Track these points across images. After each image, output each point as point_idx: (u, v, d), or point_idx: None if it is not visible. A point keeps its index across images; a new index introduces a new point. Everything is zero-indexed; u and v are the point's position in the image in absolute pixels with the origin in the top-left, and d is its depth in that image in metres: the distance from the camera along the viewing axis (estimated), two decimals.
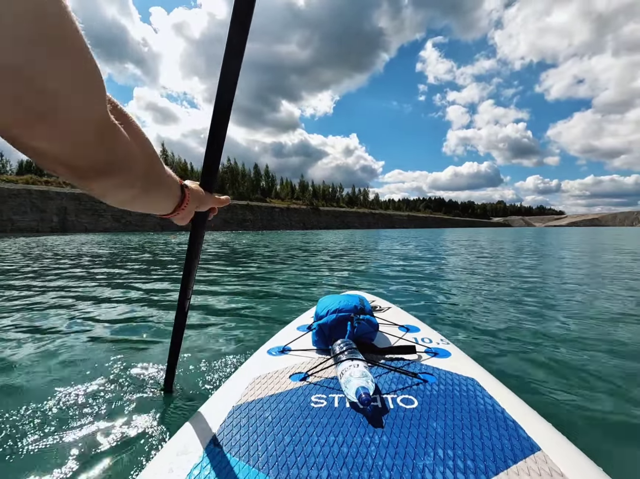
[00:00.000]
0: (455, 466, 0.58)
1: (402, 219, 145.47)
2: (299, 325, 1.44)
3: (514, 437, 0.65)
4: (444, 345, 1.16)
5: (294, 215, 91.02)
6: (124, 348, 2.25)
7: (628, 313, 3.04)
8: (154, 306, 3.40)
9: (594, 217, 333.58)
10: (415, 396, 0.80)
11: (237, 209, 76.02)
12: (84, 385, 1.69)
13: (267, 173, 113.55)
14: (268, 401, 0.80)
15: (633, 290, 4.12)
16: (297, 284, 4.78)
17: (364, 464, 0.59)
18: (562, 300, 3.76)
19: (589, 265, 7.07)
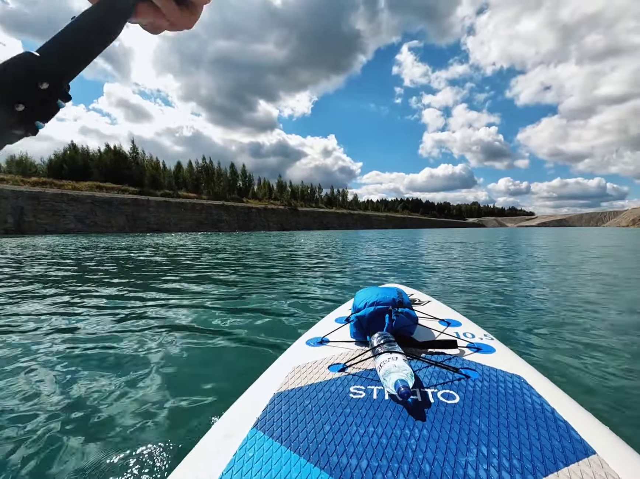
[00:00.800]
0: (500, 465, 0.56)
1: (381, 220, 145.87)
2: (337, 317, 1.46)
3: (565, 438, 0.62)
4: (488, 341, 1.13)
5: (272, 216, 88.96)
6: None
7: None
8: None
9: (562, 218, 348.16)
10: (456, 392, 0.78)
11: (211, 209, 73.23)
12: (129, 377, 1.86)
13: (244, 173, 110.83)
14: (308, 390, 0.81)
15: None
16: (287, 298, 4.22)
17: (404, 457, 0.58)
18: (612, 296, 3.63)
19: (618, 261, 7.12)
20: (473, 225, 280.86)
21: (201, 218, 69.34)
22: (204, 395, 1.66)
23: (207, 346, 2.35)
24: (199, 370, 1.97)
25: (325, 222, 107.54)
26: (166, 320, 3.04)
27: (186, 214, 66.88)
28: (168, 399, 1.63)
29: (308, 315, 3.15)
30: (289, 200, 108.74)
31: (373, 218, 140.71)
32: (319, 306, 3.51)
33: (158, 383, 1.81)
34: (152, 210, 61.17)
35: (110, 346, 2.37)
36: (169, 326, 2.84)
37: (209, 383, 1.78)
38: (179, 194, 77.71)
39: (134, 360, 2.12)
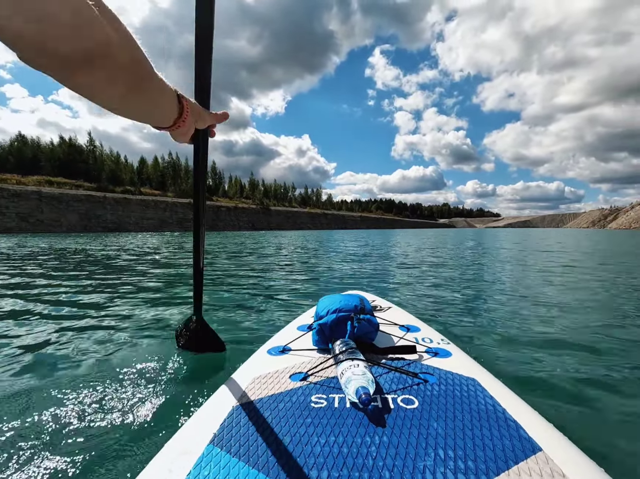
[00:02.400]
0: (456, 467, 0.57)
1: (355, 220, 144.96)
2: (299, 325, 1.45)
3: (515, 437, 0.64)
4: (445, 345, 1.15)
5: (242, 215, 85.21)
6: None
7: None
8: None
9: (526, 219, 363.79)
10: (415, 396, 0.79)
11: (176, 207, 68.67)
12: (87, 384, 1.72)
13: (214, 171, 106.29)
14: (268, 401, 0.80)
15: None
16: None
17: (364, 465, 0.58)
18: (564, 298, 3.79)
19: (579, 262, 7.41)
20: (444, 225, 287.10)
21: (165, 217, 64.78)
22: (157, 410, 1.52)
23: (160, 355, 2.16)
24: (152, 382, 1.79)
25: (298, 221, 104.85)
26: (113, 328, 2.81)
27: (148, 212, 62.16)
28: (116, 415, 1.48)
29: (269, 323, 3.02)
30: (261, 199, 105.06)
31: (347, 218, 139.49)
32: (281, 313, 3.31)
33: (105, 394, 1.65)
34: (110, 208, 56.17)
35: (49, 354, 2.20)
36: (118, 334, 2.63)
37: (163, 397, 1.63)
38: (141, 191, 72.56)
39: (76, 369, 1.96)
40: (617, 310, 3.27)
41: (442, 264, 7.50)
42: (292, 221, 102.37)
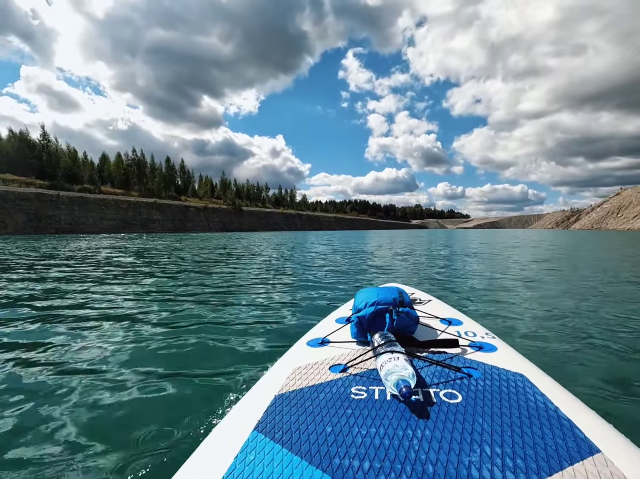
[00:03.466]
0: (504, 465, 0.55)
1: (330, 221, 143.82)
2: (338, 317, 1.45)
3: (569, 437, 0.61)
4: (490, 339, 1.12)
5: (213, 216, 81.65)
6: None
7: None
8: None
9: (495, 220, 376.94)
10: (459, 391, 0.77)
11: (140, 207, 64.50)
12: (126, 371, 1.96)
13: (182, 169, 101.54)
14: (309, 392, 0.81)
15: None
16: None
17: (407, 457, 0.57)
18: (616, 292, 3.82)
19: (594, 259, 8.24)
20: (417, 226, 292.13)
21: (127, 218, 60.54)
22: (205, 397, 1.65)
23: (207, 346, 2.35)
24: (201, 372, 1.94)
25: (271, 222, 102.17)
26: (173, 319, 3.09)
27: (108, 213, 57.80)
28: (168, 402, 1.63)
29: (308, 315, 3.08)
30: (233, 199, 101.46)
31: (322, 219, 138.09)
32: (320, 306, 3.51)
33: (159, 386, 1.79)
34: (64, 208, 51.57)
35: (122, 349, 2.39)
36: (173, 327, 2.86)
37: (211, 386, 1.76)
38: (101, 190, 67.71)
39: (133, 363, 2.11)
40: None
41: (483, 264, 7.20)
42: (265, 222, 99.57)
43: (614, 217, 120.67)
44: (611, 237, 30.87)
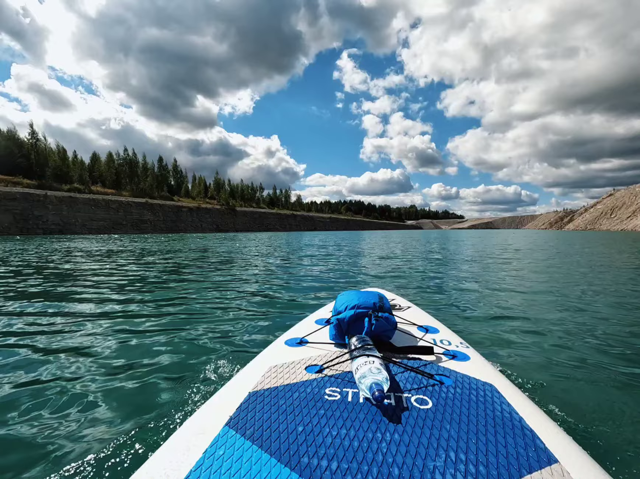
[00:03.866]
0: (467, 471, 0.56)
1: (325, 221, 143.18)
2: (318, 318, 1.48)
3: (530, 447, 0.63)
4: (464, 348, 1.14)
5: (206, 216, 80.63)
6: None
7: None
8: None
9: (489, 221, 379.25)
10: (430, 397, 0.79)
11: (131, 207, 63.37)
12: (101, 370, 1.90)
13: (175, 169, 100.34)
14: (283, 390, 0.82)
15: None
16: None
17: (374, 460, 0.58)
18: (590, 304, 3.71)
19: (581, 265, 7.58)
20: (412, 227, 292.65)
21: (118, 218, 59.40)
22: (177, 391, 1.62)
23: (181, 341, 2.32)
24: (173, 365, 1.92)
25: (266, 223, 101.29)
26: (143, 320, 2.97)
27: (98, 213, 56.62)
28: (139, 394, 1.62)
29: (289, 315, 3.08)
30: (227, 199, 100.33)
31: (317, 220, 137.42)
32: (301, 307, 3.46)
33: (131, 379, 1.78)
34: (52, 208, 50.34)
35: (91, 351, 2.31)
36: (144, 325, 2.79)
37: (184, 380, 1.73)
38: (91, 189, 66.44)
39: (105, 359, 2.10)
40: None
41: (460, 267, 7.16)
42: (259, 222, 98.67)
43: (607, 218, 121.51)
44: (606, 237, 30.65)
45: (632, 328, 2.93)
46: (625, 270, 7.04)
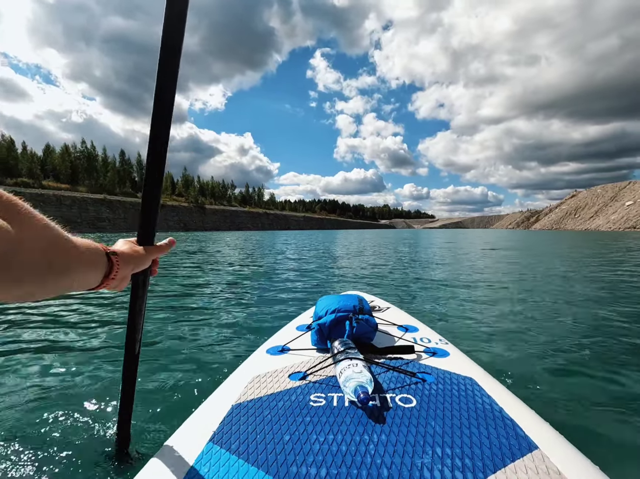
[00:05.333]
0: (454, 465, 0.58)
1: (299, 220, 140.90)
2: (298, 325, 1.45)
3: (511, 436, 0.65)
4: (443, 345, 1.16)
5: (172, 214, 76.16)
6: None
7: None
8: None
9: (458, 220, 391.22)
10: (413, 395, 0.80)
11: (87, 204, 58.20)
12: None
13: (140, 164, 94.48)
14: (267, 400, 0.81)
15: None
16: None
17: (363, 462, 0.59)
18: (558, 297, 3.95)
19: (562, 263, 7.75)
20: (385, 226, 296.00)
21: (72, 216, 54.25)
22: (158, 409, 1.54)
23: (161, 356, 2.23)
24: (153, 383, 1.83)
25: (237, 222, 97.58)
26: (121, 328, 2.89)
27: (47, 210, 50.76)
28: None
29: (269, 323, 3.07)
30: (196, 197, 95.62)
31: (290, 219, 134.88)
32: (281, 314, 3.41)
33: (108, 394, 1.68)
34: None
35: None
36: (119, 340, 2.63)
37: (164, 397, 1.66)
38: (42, 184, 60.61)
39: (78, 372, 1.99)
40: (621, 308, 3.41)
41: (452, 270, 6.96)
42: (230, 221, 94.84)
43: (571, 218, 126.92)
44: (572, 237, 30.76)
45: (601, 313, 3.21)
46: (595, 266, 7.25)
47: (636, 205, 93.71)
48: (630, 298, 3.99)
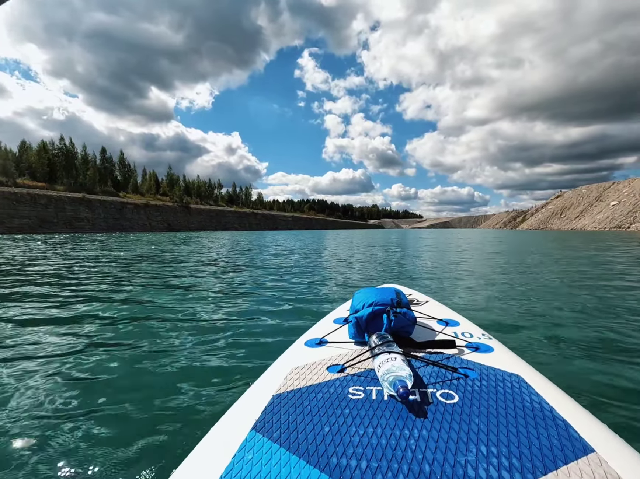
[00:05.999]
0: (500, 464, 0.55)
1: (287, 220, 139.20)
2: (336, 318, 1.45)
3: (564, 437, 0.62)
4: (486, 340, 1.12)
5: (155, 214, 73.68)
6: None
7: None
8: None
9: (446, 220, 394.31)
10: (455, 391, 0.78)
11: (64, 203, 55.59)
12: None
13: (122, 162, 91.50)
14: (307, 392, 0.81)
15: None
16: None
17: (404, 457, 0.58)
18: (617, 296, 3.75)
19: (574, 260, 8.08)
20: (374, 226, 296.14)
21: (47, 215, 51.67)
22: (202, 397, 1.63)
23: (206, 347, 2.31)
24: (199, 372, 1.94)
25: (223, 222, 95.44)
26: (173, 317, 3.03)
27: (21, 209, 48.73)
28: (165, 403, 1.60)
29: (307, 316, 3.07)
30: (181, 196, 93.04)
31: (278, 219, 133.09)
32: (318, 307, 3.48)
33: (158, 386, 1.79)
34: None
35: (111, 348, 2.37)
36: (168, 327, 2.81)
37: (208, 386, 1.75)
38: (16, 182, 57.66)
39: (131, 362, 2.09)
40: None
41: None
42: (216, 221, 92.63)
43: (558, 218, 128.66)
44: (577, 236, 30.21)
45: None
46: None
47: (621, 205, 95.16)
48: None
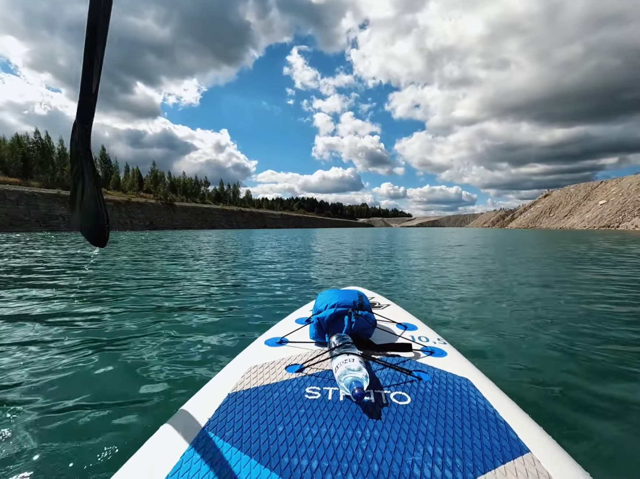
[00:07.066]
0: (444, 464, 0.58)
1: (276, 218, 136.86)
2: (298, 318, 1.46)
3: (503, 438, 0.65)
4: (441, 344, 1.16)
5: (137, 212, 70.68)
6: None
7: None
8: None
9: (435, 219, 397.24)
10: (408, 393, 0.80)
11: (37, 200, 52.35)
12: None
13: (103, 157, 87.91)
14: (263, 391, 0.82)
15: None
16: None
17: (354, 457, 0.59)
18: (559, 301, 3.75)
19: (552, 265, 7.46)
20: (363, 225, 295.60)
21: (17, 213, 48.48)
22: (155, 396, 1.58)
23: (163, 344, 2.26)
24: (153, 368, 1.88)
25: (209, 220, 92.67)
26: (118, 322, 2.90)
27: None
28: (115, 398, 1.57)
29: (268, 315, 3.05)
30: (166, 193, 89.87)
31: (267, 217, 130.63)
32: (280, 307, 3.43)
33: (110, 382, 1.76)
34: None
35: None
36: (125, 324, 2.75)
37: (162, 383, 1.71)
38: None
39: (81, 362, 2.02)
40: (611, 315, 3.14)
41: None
42: (202, 219, 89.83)
43: (546, 217, 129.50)
44: (561, 235, 29.44)
45: (610, 317, 3.04)
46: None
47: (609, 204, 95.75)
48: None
